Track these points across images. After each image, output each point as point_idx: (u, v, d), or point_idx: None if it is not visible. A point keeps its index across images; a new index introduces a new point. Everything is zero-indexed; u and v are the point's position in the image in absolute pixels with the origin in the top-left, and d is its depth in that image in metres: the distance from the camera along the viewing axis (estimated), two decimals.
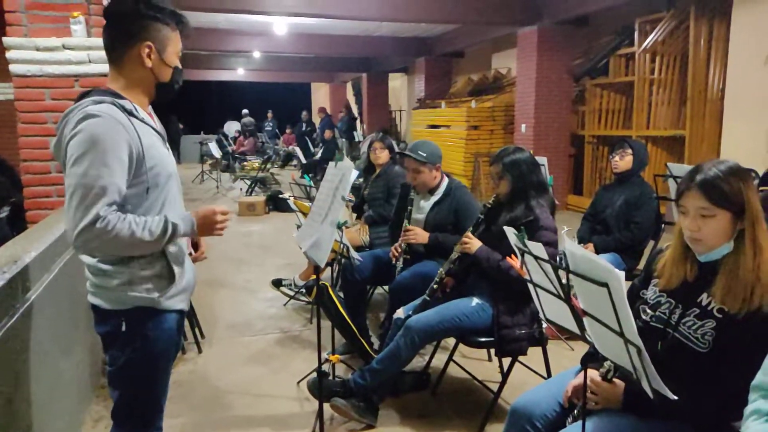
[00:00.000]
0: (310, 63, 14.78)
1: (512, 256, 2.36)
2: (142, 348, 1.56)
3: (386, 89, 15.76)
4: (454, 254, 2.62)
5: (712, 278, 1.51)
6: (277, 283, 4.49)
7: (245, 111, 18.03)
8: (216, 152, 11.91)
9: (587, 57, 8.36)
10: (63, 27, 2.96)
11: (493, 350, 2.77)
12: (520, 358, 2.55)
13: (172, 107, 16.46)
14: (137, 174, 1.48)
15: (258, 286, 4.79)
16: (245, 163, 13.01)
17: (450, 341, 3.04)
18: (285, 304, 4.30)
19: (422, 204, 3.18)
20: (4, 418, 1.64)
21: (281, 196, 8.45)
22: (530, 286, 1.62)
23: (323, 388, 2.38)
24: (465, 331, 2.53)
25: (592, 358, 1.67)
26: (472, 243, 2.55)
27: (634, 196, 3.52)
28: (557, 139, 8.57)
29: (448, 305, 2.56)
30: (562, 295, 1.44)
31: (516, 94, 8.93)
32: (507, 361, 2.59)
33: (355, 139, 13.85)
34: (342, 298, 3.11)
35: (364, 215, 4.18)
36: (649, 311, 1.62)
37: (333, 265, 3.94)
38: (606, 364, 1.59)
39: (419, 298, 2.68)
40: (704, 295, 1.52)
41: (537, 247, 1.48)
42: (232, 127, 18.49)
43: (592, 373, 1.61)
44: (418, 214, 3.17)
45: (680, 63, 6.85)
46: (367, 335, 3.25)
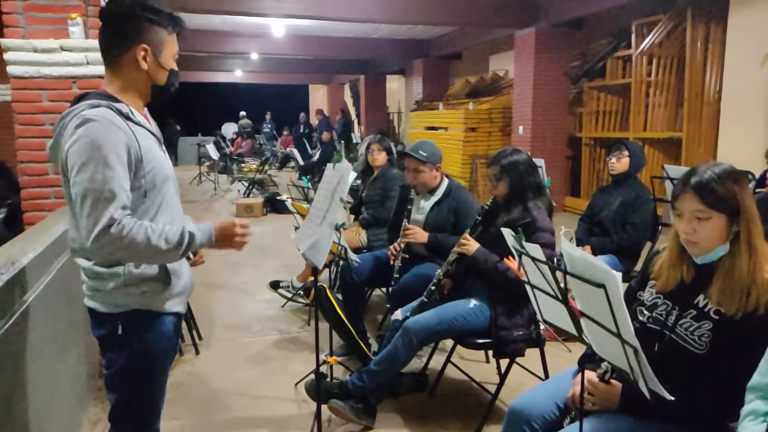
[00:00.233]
0: (308, 65, 14.79)
1: (510, 257, 2.37)
2: (139, 351, 1.55)
3: (384, 91, 15.77)
4: (451, 256, 2.63)
5: (709, 280, 1.51)
6: (275, 285, 4.48)
7: (243, 113, 18.03)
8: (213, 154, 11.90)
9: (584, 59, 8.38)
10: (61, 29, 2.95)
11: (490, 352, 2.77)
12: (517, 359, 2.56)
13: (170, 109, 16.45)
14: (136, 177, 1.47)
15: (255, 288, 4.78)
16: (243, 165, 12.98)
17: (448, 343, 3.05)
18: (283, 305, 4.30)
19: (422, 204, 3.18)
20: (1, 420, 1.64)
21: (279, 197, 8.41)
22: (528, 288, 1.63)
23: (321, 390, 2.38)
24: (463, 332, 2.53)
25: (590, 360, 1.68)
26: (470, 244, 2.56)
27: (630, 198, 3.53)
28: (554, 141, 8.60)
29: (446, 307, 2.57)
30: (559, 296, 1.45)
31: (513, 96, 8.95)
32: (505, 362, 2.59)
33: (353, 140, 13.86)
34: (340, 300, 3.12)
35: (359, 217, 4.19)
36: (646, 313, 1.63)
37: (331, 266, 3.94)
38: (603, 365, 1.60)
39: (417, 299, 2.69)
40: (701, 297, 1.52)
41: (534, 249, 1.49)
42: (230, 129, 18.49)
43: (589, 375, 1.61)
44: (418, 215, 3.17)
45: (677, 65, 6.87)
46: (365, 337, 3.25)
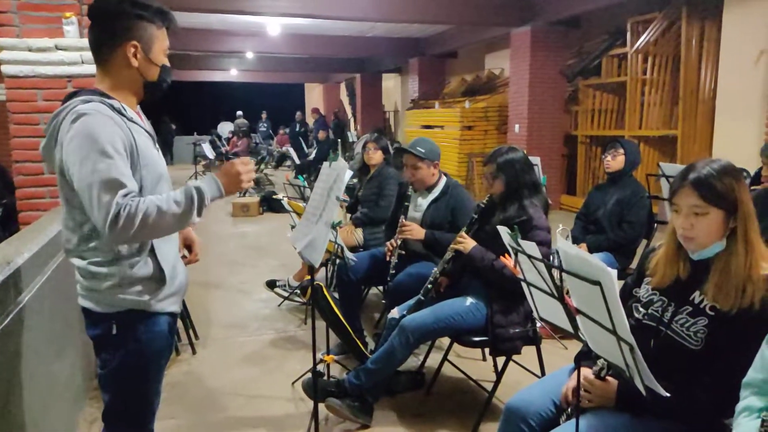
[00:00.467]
0: (304, 63, 14.76)
1: (506, 255, 2.37)
2: (133, 351, 1.54)
3: (380, 89, 15.76)
4: (448, 254, 2.63)
5: (705, 276, 1.52)
6: (271, 284, 4.48)
7: (240, 112, 18.00)
8: (209, 153, 11.88)
9: (580, 57, 8.39)
10: (55, 27, 2.94)
11: (487, 349, 2.78)
12: (514, 357, 2.56)
13: (165, 108, 16.42)
14: (133, 172, 1.45)
15: (252, 287, 4.77)
16: None
17: (444, 341, 3.05)
18: (279, 304, 4.29)
19: (419, 201, 3.18)
20: None
21: (275, 196, 8.43)
22: (524, 285, 1.63)
23: (318, 389, 2.38)
24: (459, 330, 2.53)
25: (586, 357, 1.68)
26: (467, 242, 2.56)
27: (626, 196, 3.54)
28: (550, 139, 8.61)
29: (443, 305, 2.57)
30: (555, 293, 1.45)
31: (509, 95, 8.96)
32: (501, 360, 2.60)
33: (349, 139, 13.85)
34: (336, 299, 3.11)
35: (352, 216, 4.18)
36: (641, 309, 1.63)
37: (327, 265, 3.94)
38: (599, 362, 1.60)
39: (414, 297, 2.69)
40: (697, 293, 1.53)
41: (530, 247, 1.49)
42: (226, 128, 18.46)
43: (585, 372, 1.62)
44: (415, 212, 3.17)
45: (672, 63, 6.89)
46: (361, 335, 3.25)
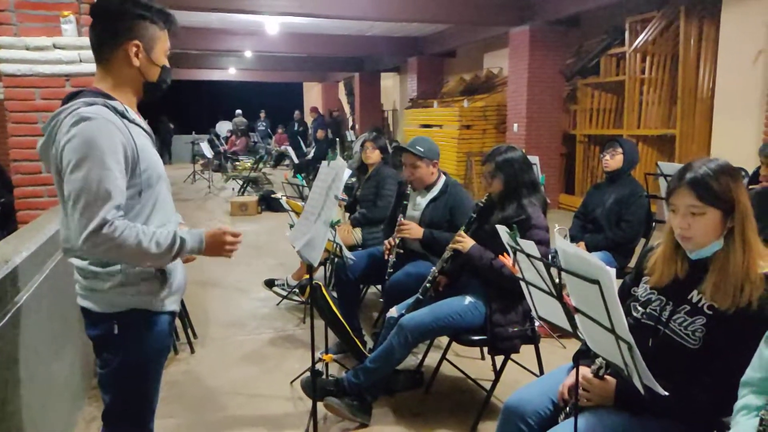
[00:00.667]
0: (303, 62, 14.76)
1: (505, 254, 2.37)
2: (134, 351, 1.54)
3: (378, 89, 15.76)
4: (446, 253, 2.63)
5: (703, 275, 1.52)
6: (270, 283, 4.48)
7: (238, 111, 17.98)
8: (208, 152, 11.87)
9: (578, 57, 8.40)
10: (53, 26, 2.94)
11: (486, 348, 2.78)
12: (512, 356, 2.56)
13: (163, 107, 16.39)
14: (132, 176, 1.46)
15: (250, 286, 4.77)
16: (237, 163, 12.95)
17: (443, 340, 3.05)
18: (278, 303, 4.29)
19: (418, 200, 3.18)
20: None
21: (274, 195, 8.42)
22: (522, 284, 1.63)
23: (317, 388, 2.38)
24: (458, 329, 2.54)
25: (584, 356, 1.68)
26: (465, 241, 2.56)
27: (624, 195, 3.55)
28: (549, 139, 8.62)
29: (441, 304, 2.57)
30: (554, 292, 1.45)
31: (508, 94, 8.97)
32: (500, 359, 2.60)
33: (347, 138, 13.85)
34: (335, 298, 3.11)
35: (350, 216, 4.18)
36: (640, 308, 1.63)
37: (326, 264, 3.94)
38: (598, 361, 1.61)
39: (412, 296, 2.69)
40: (695, 292, 1.53)
41: (529, 246, 1.49)
42: (224, 127, 18.42)
43: (584, 370, 1.62)
44: (414, 211, 3.16)
45: (670, 62, 6.90)
46: (360, 334, 3.25)
